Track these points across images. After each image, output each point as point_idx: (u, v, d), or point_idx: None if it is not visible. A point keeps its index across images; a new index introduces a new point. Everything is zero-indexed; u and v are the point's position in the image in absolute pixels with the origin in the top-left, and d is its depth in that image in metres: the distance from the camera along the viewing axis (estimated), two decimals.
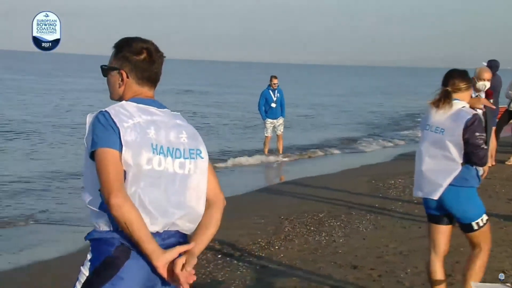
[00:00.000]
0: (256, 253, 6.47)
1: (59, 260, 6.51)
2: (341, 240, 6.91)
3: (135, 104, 2.50)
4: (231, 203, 10.04)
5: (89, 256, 2.45)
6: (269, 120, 13.84)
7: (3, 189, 10.25)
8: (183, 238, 2.49)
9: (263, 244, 6.79)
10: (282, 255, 6.39)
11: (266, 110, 13.79)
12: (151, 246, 2.34)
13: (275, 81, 13.78)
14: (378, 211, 8.36)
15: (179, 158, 2.49)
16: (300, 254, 6.41)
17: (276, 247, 6.71)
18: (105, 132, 2.38)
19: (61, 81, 47.94)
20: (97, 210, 2.42)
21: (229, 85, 52.97)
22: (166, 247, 2.41)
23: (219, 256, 6.37)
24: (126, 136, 2.39)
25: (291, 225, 7.63)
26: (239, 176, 12.18)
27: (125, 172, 2.37)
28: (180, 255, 2.41)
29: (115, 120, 2.40)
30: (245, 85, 49.80)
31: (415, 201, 8.81)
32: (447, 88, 4.26)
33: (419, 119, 24.95)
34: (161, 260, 2.35)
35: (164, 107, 2.57)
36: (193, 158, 2.53)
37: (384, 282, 5.39)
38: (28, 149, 14.95)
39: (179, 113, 2.62)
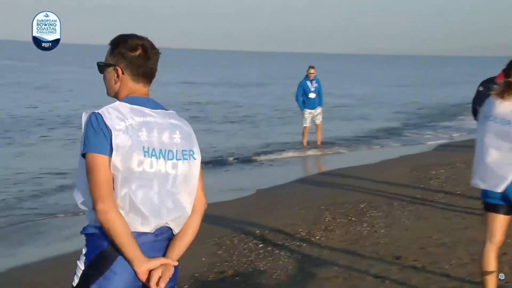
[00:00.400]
0: (297, 243, 6.47)
1: None
2: (382, 231, 6.85)
3: (128, 105, 2.51)
4: (272, 194, 10.10)
5: (84, 251, 2.49)
6: (307, 111, 13.81)
7: (49, 180, 10.49)
8: (173, 234, 2.54)
9: (304, 234, 6.79)
10: (323, 245, 6.38)
11: (304, 101, 13.76)
12: (132, 253, 2.39)
13: (312, 71, 13.72)
14: (420, 202, 8.26)
15: (172, 159, 2.50)
16: (341, 244, 6.39)
17: (317, 237, 6.69)
18: (95, 136, 2.41)
19: None
20: (89, 210, 2.45)
21: (277, 76, 52.62)
22: (160, 242, 2.48)
23: (261, 245, 6.40)
24: (117, 139, 2.40)
25: (332, 216, 7.60)
26: (278, 167, 12.17)
27: (114, 175, 2.40)
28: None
29: (107, 123, 2.42)
30: (295, 76, 49.60)
31: (458, 192, 8.69)
32: (510, 79, 4.15)
33: (458, 109, 24.53)
34: (143, 267, 2.40)
35: (159, 107, 2.57)
36: (186, 159, 2.54)
37: (428, 273, 5.33)
38: (67, 140, 15.23)
39: (174, 111, 2.62)
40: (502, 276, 3.94)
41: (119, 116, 2.45)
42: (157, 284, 2.41)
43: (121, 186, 2.40)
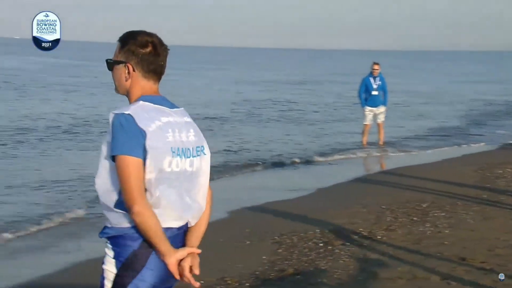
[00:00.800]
0: (358, 243, 6.38)
1: None
2: (447, 231, 6.67)
3: (151, 104, 2.53)
4: (332, 193, 9.96)
5: (111, 253, 2.51)
6: (368, 108, 13.50)
7: None
8: (188, 227, 2.63)
9: (365, 234, 6.69)
10: (384, 245, 6.27)
11: (366, 98, 13.49)
12: (165, 247, 2.47)
13: (376, 67, 13.42)
14: (486, 202, 8.00)
15: (189, 157, 2.56)
16: (403, 244, 6.26)
17: (379, 236, 6.59)
18: (126, 138, 2.42)
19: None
20: (121, 211, 2.47)
21: (345, 73, 51.84)
22: (180, 235, 2.57)
23: (321, 244, 6.34)
24: (151, 141, 2.44)
25: (393, 215, 7.47)
26: (338, 166, 12.03)
27: (148, 177, 2.44)
28: None
29: (139, 125, 2.44)
30: (360, 73, 49.06)
31: None
32: None
33: None
34: (173, 258, 2.48)
35: (174, 106, 2.61)
36: (199, 155, 2.60)
37: (496, 276, 5.13)
38: None
39: (183, 108, 2.65)
40: (502, 276, 3.78)
41: (148, 118, 2.47)
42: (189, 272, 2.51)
43: (155, 186, 2.46)
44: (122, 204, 2.46)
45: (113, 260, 2.49)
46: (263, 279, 5.36)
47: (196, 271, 2.50)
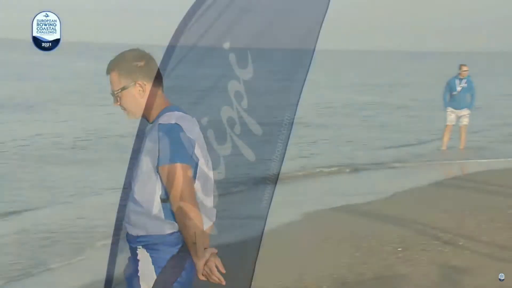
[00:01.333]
0: (439, 249, 6.19)
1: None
2: None
3: (181, 113, 2.57)
4: (410, 197, 9.68)
5: (149, 259, 2.54)
6: (449, 109, 13.17)
7: None
8: None
9: (446, 239, 6.48)
10: (467, 251, 6.05)
11: (449, 99, 13.18)
12: (202, 250, 2.52)
13: (464, 68, 13.11)
14: None
15: (207, 162, 2.62)
16: (488, 251, 6.02)
17: (460, 243, 6.36)
18: (180, 147, 2.47)
19: None
20: (167, 219, 2.51)
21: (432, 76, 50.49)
22: None
23: (399, 249, 6.19)
24: (198, 149, 2.52)
25: (476, 221, 7.20)
26: (416, 170, 11.74)
27: (196, 183, 2.52)
28: None
29: (188, 134, 2.49)
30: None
31: None
32: None
33: None
34: (204, 260, 2.53)
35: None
36: (208, 160, 2.64)
37: None
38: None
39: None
40: (502, 276, 3.54)
41: (190, 126, 2.56)
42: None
43: (200, 192, 2.54)
44: (169, 212, 2.51)
45: (152, 266, 2.54)
46: (341, 282, 5.28)
47: (223, 270, 2.54)
